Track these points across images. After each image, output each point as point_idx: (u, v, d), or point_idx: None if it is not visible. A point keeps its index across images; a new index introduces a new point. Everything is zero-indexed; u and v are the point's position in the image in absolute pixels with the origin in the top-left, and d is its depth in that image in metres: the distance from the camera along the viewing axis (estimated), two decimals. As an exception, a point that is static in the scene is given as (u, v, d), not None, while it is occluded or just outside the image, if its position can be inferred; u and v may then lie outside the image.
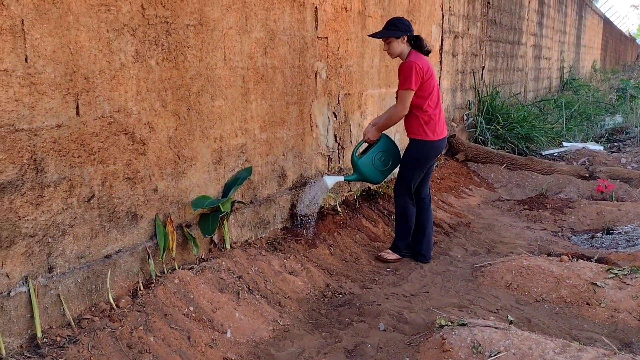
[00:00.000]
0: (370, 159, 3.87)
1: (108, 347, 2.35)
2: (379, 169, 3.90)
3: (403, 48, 3.75)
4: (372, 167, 3.87)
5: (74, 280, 2.51)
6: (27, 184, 2.28)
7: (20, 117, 2.23)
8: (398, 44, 3.74)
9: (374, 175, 3.92)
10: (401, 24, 3.73)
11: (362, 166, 3.86)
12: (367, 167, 3.86)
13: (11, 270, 2.25)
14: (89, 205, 2.57)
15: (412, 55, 3.72)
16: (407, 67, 3.62)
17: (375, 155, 3.87)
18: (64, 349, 2.25)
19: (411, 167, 3.81)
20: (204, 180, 3.29)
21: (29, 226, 2.31)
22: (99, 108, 2.58)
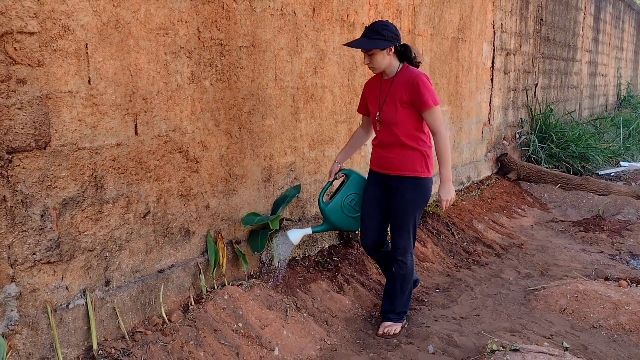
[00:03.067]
0: (339, 204, 3.11)
1: None
2: (351, 214, 3.13)
3: (390, 61, 2.91)
4: (341, 213, 3.12)
5: (129, 294, 2.59)
6: (87, 200, 2.38)
7: (83, 136, 2.34)
8: (383, 56, 2.87)
9: (346, 224, 3.16)
10: (387, 31, 2.83)
11: (330, 213, 3.11)
12: (336, 214, 3.12)
13: (70, 283, 2.35)
14: (144, 221, 2.65)
15: (408, 69, 2.93)
16: (422, 80, 2.84)
17: (344, 198, 3.12)
18: (118, 361, 2.32)
19: (417, 215, 3.02)
20: (254, 197, 3.34)
21: (88, 241, 2.40)
22: (156, 127, 2.67)
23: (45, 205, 2.22)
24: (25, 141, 2.13)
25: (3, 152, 2.06)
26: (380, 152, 3.03)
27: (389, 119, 2.92)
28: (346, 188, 3.15)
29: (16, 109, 2.09)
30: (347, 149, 3.29)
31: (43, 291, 2.24)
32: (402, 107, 2.88)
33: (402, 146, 2.92)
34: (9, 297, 2.12)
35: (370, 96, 3.07)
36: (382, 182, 3.03)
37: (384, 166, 3.02)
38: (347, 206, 3.13)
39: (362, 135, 3.27)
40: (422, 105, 2.84)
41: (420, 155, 2.94)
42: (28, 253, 2.17)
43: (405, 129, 2.91)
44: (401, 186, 2.96)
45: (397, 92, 2.90)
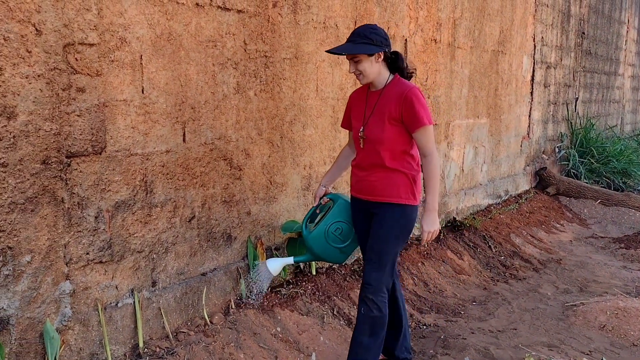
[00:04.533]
0: (322, 232, 2.68)
1: None
2: (336, 245, 2.69)
3: (379, 70, 2.50)
4: (325, 243, 2.68)
5: (174, 295, 2.68)
6: (137, 204, 2.49)
7: (135, 143, 2.46)
8: (371, 63, 2.46)
9: (330, 255, 2.72)
10: (375, 35, 2.45)
11: (313, 242, 2.69)
12: (319, 243, 2.68)
13: (120, 282, 2.45)
14: (189, 225, 2.75)
15: (400, 82, 2.53)
16: (416, 95, 2.45)
17: (329, 226, 2.68)
18: (163, 360, 2.41)
19: (397, 247, 2.55)
20: (293, 205, 3.41)
21: (137, 242, 2.51)
22: (203, 135, 2.77)
23: (99, 208, 2.34)
24: (83, 146, 2.25)
25: (63, 156, 2.18)
26: (360, 175, 2.58)
27: (374, 136, 2.49)
28: (331, 215, 2.69)
29: (76, 115, 2.22)
30: (333, 170, 2.83)
31: (94, 289, 2.35)
32: (390, 123, 2.46)
33: (386, 168, 2.48)
34: (64, 294, 2.23)
35: (355, 109, 2.63)
36: (365, 209, 2.59)
37: (364, 191, 2.57)
38: (332, 235, 2.68)
39: (349, 155, 2.76)
40: (415, 123, 2.43)
41: (406, 179, 2.49)
42: (82, 252, 2.29)
43: (392, 149, 2.47)
44: (382, 213, 2.51)
45: (385, 107, 2.48)
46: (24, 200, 2.07)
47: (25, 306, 2.11)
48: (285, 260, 2.78)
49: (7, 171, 2.01)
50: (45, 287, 2.16)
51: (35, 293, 2.14)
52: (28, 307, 2.12)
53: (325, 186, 2.81)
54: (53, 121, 2.13)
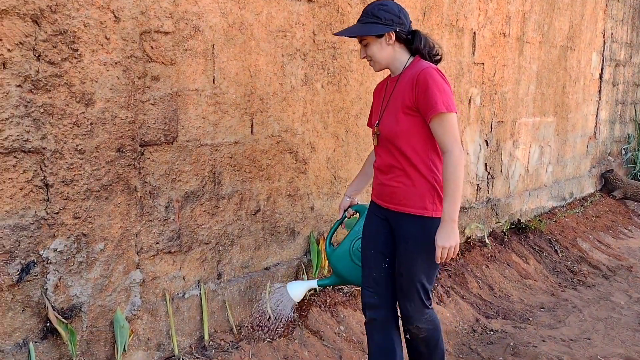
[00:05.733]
0: (347, 250, 2.33)
1: (267, 357, 2.43)
2: None
3: (392, 54, 2.09)
4: (350, 262, 2.32)
5: (238, 289, 2.65)
6: (206, 195, 2.46)
7: (205, 133, 2.43)
8: (381, 46, 2.07)
9: (357, 276, 2.31)
10: (384, 12, 2.05)
11: (337, 262, 2.35)
12: (344, 262, 2.33)
13: (187, 273, 2.43)
14: (254, 218, 2.71)
15: (417, 63, 2.07)
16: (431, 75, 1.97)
17: (354, 242, 2.33)
18: (228, 354, 2.37)
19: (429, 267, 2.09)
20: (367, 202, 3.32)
21: (205, 234, 2.48)
22: (270, 127, 2.72)
23: (169, 198, 2.32)
24: (156, 135, 2.24)
25: (137, 144, 2.17)
26: (380, 178, 2.17)
27: (388, 130, 2.07)
28: (357, 229, 2.33)
29: (150, 104, 2.20)
30: (359, 178, 2.44)
31: (163, 279, 2.34)
32: (405, 113, 2.02)
33: (405, 171, 2.05)
34: (134, 283, 2.22)
35: (375, 102, 2.26)
36: (383, 217, 2.18)
37: (382, 196, 2.16)
38: (358, 253, 2.29)
39: None
40: (429, 109, 1.94)
41: (430, 186, 2.04)
42: (152, 242, 2.27)
43: (410, 145, 2.03)
44: (404, 228, 2.08)
45: (399, 94, 2.05)
46: (99, 188, 2.06)
47: (97, 294, 2.11)
48: (309, 284, 2.41)
49: (84, 158, 2.01)
50: (116, 275, 2.16)
51: (107, 281, 2.13)
52: (100, 294, 2.12)
53: (350, 197, 2.41)
54: (128, 109, 2.12)
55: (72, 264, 2.02)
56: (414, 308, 2.11)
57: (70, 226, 2.00)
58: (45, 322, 1.97)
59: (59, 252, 1.98)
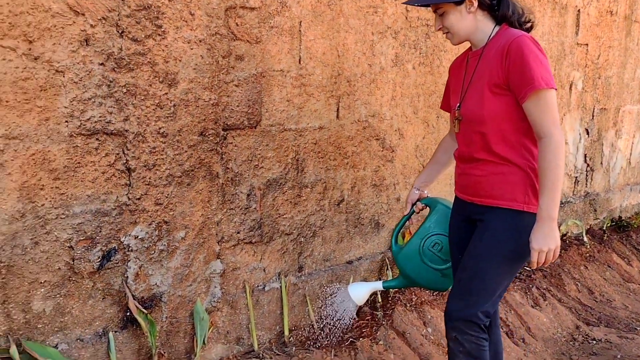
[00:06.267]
0: (416, 249, 2.03)
1: (349, 358, 2.27)
2: (435, 265, 2.02)
3: (473, 23, 1.75)
4: (420, 263, 2.03)
5: (319, 283, 2.50)
6: (288, 183, 2.32)
7: (289, 117, 2.27)
8: (460, 15, 1.74)
9: (428, 279, 2.05)
10: None
11: (405, 262, 2.05)
12: (413, 263, 2.03)
13: (268, 265, 2.31)
14: (338, 209, 2.54)
15: (506, 32, 1.72)
16: (526, 45, 1.64)
17: (424, 241, 2.02)
18: (309, 352, 2.23)
19: (505, 270, 1.76)
20: (445, 193, 3.08)
21: (286, 224, 2.34)
22: (356, 112, 2.54)
23: (251, 185, 2.19)
24: (239, 119, 2.11)
25: (219, 128, 2.05)
26: (462, 167, 1.88)
27: (471, 113, 1.76)
28: (428, 226, 2.04)
29: (234, 85, 2.07)
30: (430, 167, 2.13)
31: (243, 271, 2.22)
32: (493, 92, 1.69)
33: (493, 159, 1.74)
34: (214, 273, 2.12)
35: (454, 82, 1.92)
36: (466, 215, 1.87)
37: (466, 189, 1.85)
38: (429, 253, 2.01)
39: (451, 146, 2.05)
40: (524, 85, 1.62)
41: (522, 175, 1.72)
42: (233, 231, 2.16)
43: (499, 130, 1.72)
44: (487, 220, 1.76)
45: (485, 70, 1.72)
46: (180, 173, 1.96)
47: (177, 284, 2.02)
48: (373, 285, 2.14)
49: (166, 142, 1.90)
50: (197, 265, 2.06)
51: (187, 271, 2.04)
52: (180, 284, 2.02)
53: (419, 189, 2.11)
54: (212, 91, 2.00)
55: (153, 252, 1.93)
56: (466, 308, 1.74)
57: (152, 213, 1.91)
58: (125, 312, 1.90)
59: (140, 239, 1.89)
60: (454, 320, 1.77)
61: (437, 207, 2.04)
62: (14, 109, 1.57)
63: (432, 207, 2.07)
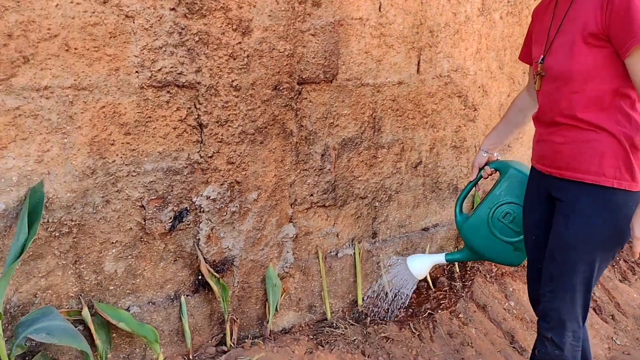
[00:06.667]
0: (484, 218, 1.81)
1: (427, 331, 2.13)
2: (506, 237, 1.80)
3: None
4: (489, 234, 1.82)
5: (394, 250, 2.35)
6: (364, 143, 2.15)
7: (367, 71, 2.09)
8: None
9: (498, 253, 1.84)
10: None
11: (470, 233, 1.85)
12: (479, 234, 1.83)
13: (341, 230, 2.17)
14: (415, 172, 2.36)
15: None
16: None
17: (494, 210, 1.80)
18: (384, 324, 2.10)
19: (596, 259, 1.49)
20: (529, 156, 2.84)
21: (361, 187, 2.19)
22: (438, 66, 2.32)
23: (326, 145, 2.04)
24: (315, 72, 1.94)
25: (294, 82, 1.89)
26: (541, 133, 1.62)
27: (558, 68, 1.49)
28: (498, 193, 1.80)
29: (310, 35, 1.89)
30: (501, 126, 1.87)
31: (315, 236, 2.09)
32: (588, 45, 1.43)
33: (578, 124, 1.47)
34: (287, 237, 2.00)
35: (538, 29, 1.63)
36: (544, 189, 1.60)
37: (543, 159, 1.60)
38: (498, 223, 1.79)
39: (527, 104, 1.78)
40: (629, 37, 1.34)
41: (616, 145, 1.44)
42: (306, 194, 2.02)
43: (591, 89, 1.44)
44: (570, 200, 1.50)
45: (578, 18, 1.45)
46: (253, 131, 1.82)
47: (249, 247, 1.91)
48: (434, 258, 1.94)
49: (239, 96, 1.76)
50: (269, 228, 1.94)
51: (260, 234, 1.92)
52: (252, 248, 1.92)
53: (487, 151, 1.85)
54: (287, 40, 1.83)
55: (225, 213, 1.82)
56: (562, 308, 1.51)
57: (224, 172, 1.79)
58: (197, 275, 1.81)
59: (212, 200, 1.78)
60: (551, 321, 1.53)
61: (509, 171, 1.78)
62: (83, 57, 1.46)
63: (503, 172, 1.81)
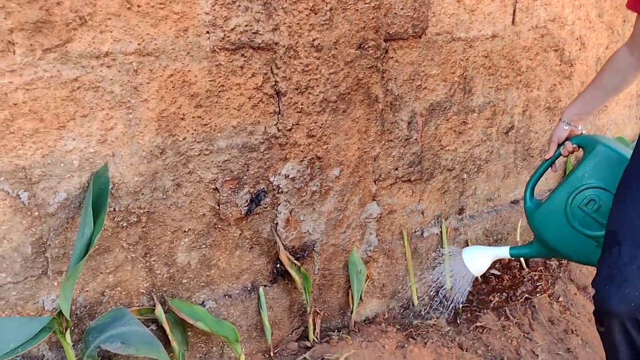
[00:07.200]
0: (561, 207, 1.49)
1: (525, 318, 1.90)
2: (587, 231, 1.48)
3: None
4: (566, 225, 1.49)
5: (482, 227, 2.11)
6: (453, 107, 1.88)
7: (459, 23, 1.80)
8: None
9: (576, 248, 1.51)
10: None
11: (542, 223, 1.54)
12: (555, 226, 1.51)
13: (426, 207, 1.93)
14: (506, 138, 2.09)
15: None
16: None
17: (574, 195, 1.48)
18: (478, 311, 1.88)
19: None
20: (623, 117, 2.53)
21: (448, 158, 1.93)
22: (535, 16, 2.01)
23: (413, 111, 1.78)
24: (403, 26, 1.66)
25: (380, 39, 1.62)
26: None
27: None
28: (580, 175, 1.46)
29: (398, -18, 1.61)
30: (591, 91, 1.49)
31: (399, 214, 1.86)
32: None
33: None
34: (370, 218, 1.77)
35: None
36: None
37: None
38: (580, 213, 1.46)
39: (629, 64, 1.43)
40: None
41: None
42: (391, 168, 1.78)
43: None
44: None
45: None
46: (336, 98, 1.57)
47: (331, 231, 1.69)
48: (495, 253, 1.62)
49: (320, 57, 1.51)
50: (351, 208, 1.71)
51: (341, 215, 1.70)
52: (333, 232, 1.70)
53: (570, 123, 1.49)
54: (374, -11, 1.56)
55: (305, 193, 1.60)
56: None
57: (304, 147, 1.55)
58: (275, 263, 1.61)
59: (290, 179, 1.56)
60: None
61: (597, 148, 1.45)
62: (147, 16, 1.22)
63: (589, 149, 1.47)
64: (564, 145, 1.51)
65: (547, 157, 1.54)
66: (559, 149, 1.52)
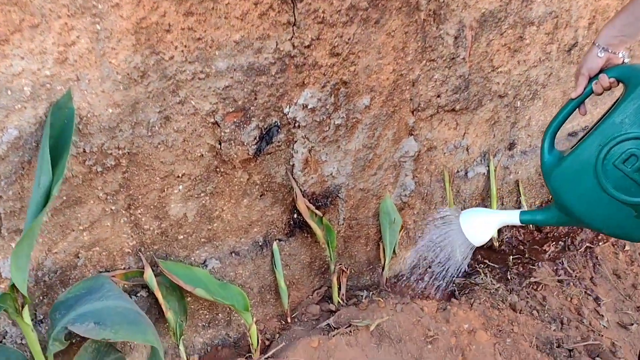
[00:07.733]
0: (590, 162, 1.05)
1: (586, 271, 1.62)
2: (626, 196, 1.04)
3: None
4: (596, 188, 1.06)
5: (535, 164, 1.79)
6: (509, 19, 1.52)
7: None
8: None
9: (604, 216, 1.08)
10: None
11: (564, 183, 1.10)
12: (581, 187, 1.08)
13: (472, 142, 1.61)
14: (568, 57, 1.73)
15: None
16: None
17: (610, 148, 1.02)
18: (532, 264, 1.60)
19: None
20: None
21: (501, 82, 1.59)
22: None
23: (460, 22, 1.42)
24: None
25: None
26: None
27: None
28: (618, 120, 1.02)
29: None
30: (628, 13, 1.03)
31: (439, 152, 1.55)
32: None
33: None
34: (406, 156, 1.46)
35: None
36: None
37: None
38: (614, 171, 1.05)
39: None
40: None
41: None
42: (432, 94, 1.45)
43: None
44: None
45: None
46: (367, 4, 1.22)
47: (358, 173, 1.39)
48: (499, 217, 1.21)
49: (348, -52, 1.15)
50: (384, 145, 1.41)
51: (372, 154, 1.39)
52: (361, 174, 1.40)
53: (607, 48, 1.06)
54: None
55: (327, 128, 1.29)
56: None
57: (326, 69, 1.23)
58: (292, 213, 1.33)
59: (309, 109, 1.24)
60: None
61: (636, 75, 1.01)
62: None
63: (632, 85, 1.01)
64: (597, 79, 1.07)
65: (574, 96, 1.11)
66: (591, 84, 1.09)
